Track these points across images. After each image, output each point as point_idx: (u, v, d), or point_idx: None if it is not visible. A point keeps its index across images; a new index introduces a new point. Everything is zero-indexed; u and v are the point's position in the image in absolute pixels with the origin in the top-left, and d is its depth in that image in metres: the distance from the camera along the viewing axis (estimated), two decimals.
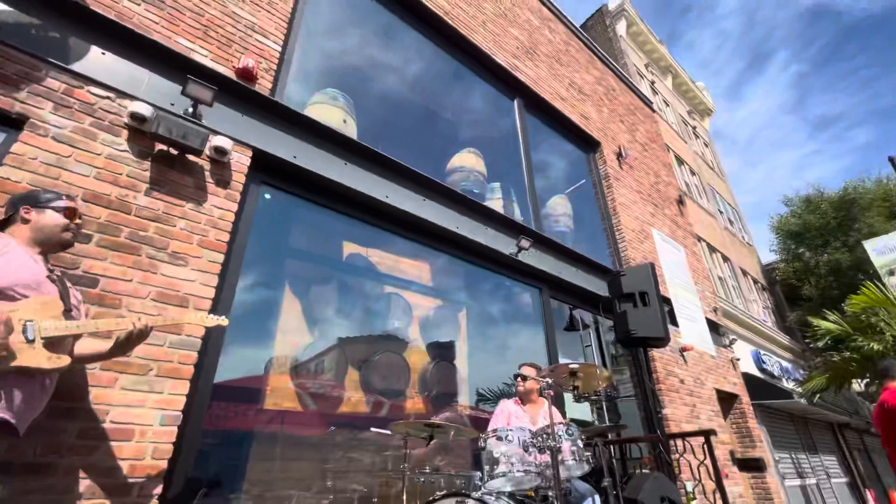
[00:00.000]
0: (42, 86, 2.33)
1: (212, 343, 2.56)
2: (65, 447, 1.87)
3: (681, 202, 9.23)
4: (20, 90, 2.25)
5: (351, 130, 4.46)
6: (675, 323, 6.53)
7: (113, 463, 1.96)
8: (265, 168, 3.23)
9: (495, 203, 5.93)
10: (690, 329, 6.77)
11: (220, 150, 2.76)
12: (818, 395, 7.41)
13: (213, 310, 2.57)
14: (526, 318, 5.45)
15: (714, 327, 7.85)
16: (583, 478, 2.90)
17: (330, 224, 4.21)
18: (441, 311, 5.23)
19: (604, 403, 4.11)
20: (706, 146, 17.19)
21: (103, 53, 2.60)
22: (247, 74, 3.19)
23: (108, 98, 2.53)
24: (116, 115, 2.51)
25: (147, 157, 2.55)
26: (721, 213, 14.58)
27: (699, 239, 11.18)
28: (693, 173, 13.83)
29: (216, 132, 2.85)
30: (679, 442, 3.61)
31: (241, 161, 2.96)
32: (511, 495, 2.55)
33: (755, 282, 14.33)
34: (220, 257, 2.62)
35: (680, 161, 13.22)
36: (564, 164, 7.57)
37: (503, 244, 4.71)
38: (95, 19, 2.60)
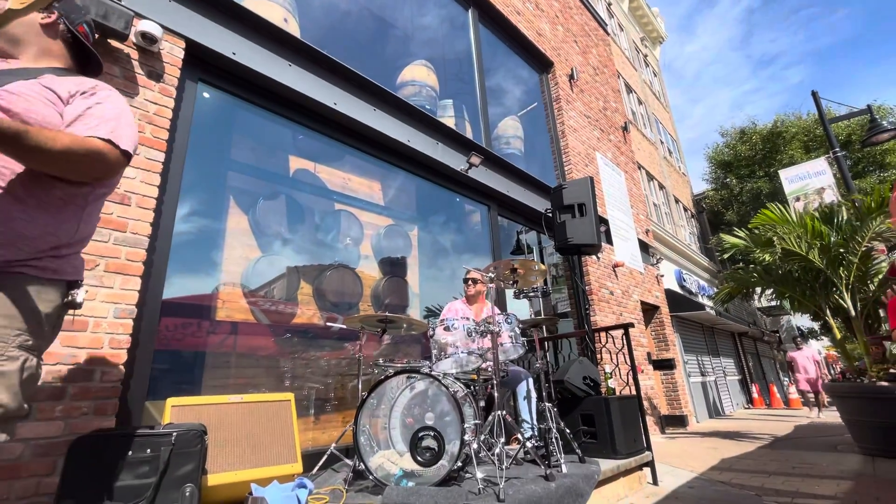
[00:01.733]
0: None
1: (161, 242, 2.54)
2: None
3: (625, 129, 9.55)
4: None
5: (293, 31, 4.14)
6: (609, 241, 7.08)
7: (70, 351, 2.00)
8: (202, 63, 3.00)
9: (447, 121, 5.85)
10: (623, 248, 7.38)
11: (148, 37, 2.52)
12: (726, 305, 8.50)
13: (158, 213, 2.51)
14: (476, 235, 5.69)
15: (644, 247, 8.59)
16: (520, 364, 3.30)
17: (275, 135, 4.04)
18: (392, 228, 5.32)
19: (540, 300, 4.54)
20: (655, 75, 17.45)
21: None
22: None
23: None
24: None
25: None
26: (662, 143, 15.24)
27: (639, 166, 11.76)
28: (640, 102, 14.15)
29: (141, 16, 2.58)
30: (603, 336, 4.14)
31: (173, 52, 2.73)
32: (456, 378, 2.89)
33: (685, 209, 15.50)
34: (161, 156, 2.51)
35: (629, 89, 13.41)
36: (517, 88, 7.50)
37: (454, 160, 4.77)
38: None
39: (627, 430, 3.19)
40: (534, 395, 3.09)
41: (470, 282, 3.63)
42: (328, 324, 3.27)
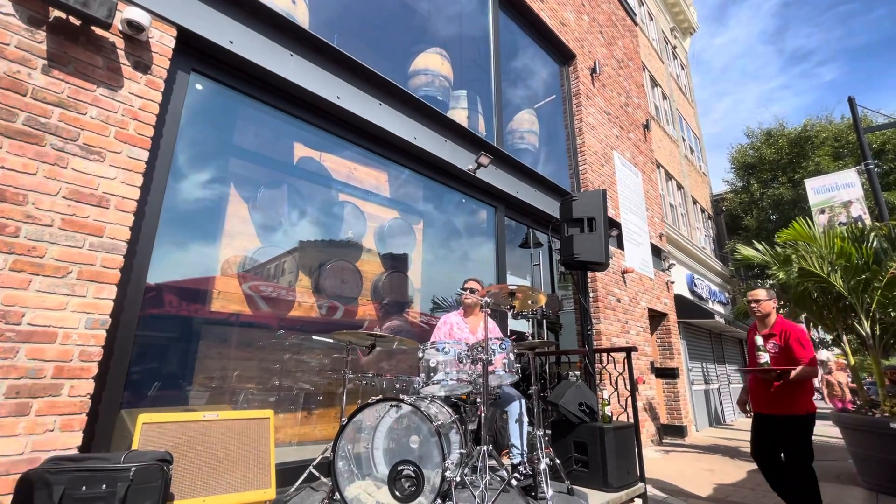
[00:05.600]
0: None
1: (141, 246, 2.42)
2: None
3: (647, 127, 9.17)
4: None
5: (302, 13, 3.93)
6: (621, 246, 6.85)
7: (36, 364, 1.90)
8: (195, 53, 2.83)
9: (459, 113, 5.63)
10: (634, 253, 7.14)
11: (134, 26, 2.35)
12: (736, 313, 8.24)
13: (140, 214, 2.39)
14: (481, 233, 5.52)
15: (657, 252, 8.33)
16: (514, 383, 3.17)
17: (277, 123, 3.88)
18: (397, 222, 5.17)
19: (543, 321, 4.40)
20: (682, 68, 16.75)
21: None
22: None
23: None
24: None
25: (41, 25, 2.14)
26: (684, 140, 14.71)
27: (658, 165, 11.37)
28: (665, 97, 13.60)
29: (129, 1, 2.40)
30: (604, 355, 3.99)
31: (163, 42, 2.55)
32: (445, 399, 2.77)
33: (703, 211, 15.05)
34: (144, 154, 2.37)
35: (654, 82, 12.88)
36: (536, 79, 7.17)
37: (462, 159, 4.56)
38: None
39: (621, 461, 3.06)
40: (525, 419, 2.96)
41: (468, 291, 3.48)
42: (315, 336, 3.16)
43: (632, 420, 3.37)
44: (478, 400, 2.59)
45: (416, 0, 5.62)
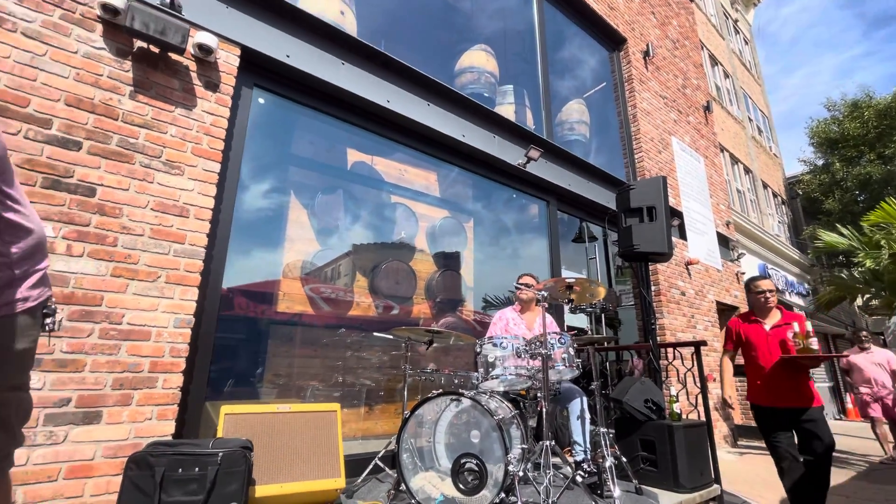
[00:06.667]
0: None
1: (217, 251, 2.62)
2: (88, 346, 2.02)
3: (707, 109, 8.61)
4: None
5: (350, 23, 4.07)
6: (683, 236, 6.48)
7: (135, 360, 2.13)
8: (256, 69, 3.02)
9: (507, 108, 5.59)
10: (698, 243, 6.73)
11: (204, 49, 2.55)
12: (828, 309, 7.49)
13: (215, 222, 2.59)
14: (533, 228, 5.44)
15: (724, 241, 7.80)
16: (574, 380, 3.10)
17: (331, 130, 4.05)
18: (448, 221, 5.21)
19: (602, 315, 4.26)
20: (746, 43, 15.54)
21: None
22: None
23: None
24: (87, 6, 2.30)
25: (127, 55, 2.38)
26: (751, 120, 13.64)
27: (722, 149, 10.63)
28: (727, 76, 12.69)
29: (198, 27, 2.62)
30: (670, 350, 3.79)
31: (228, 61, 2.75)
32: (504, 394, 2.76)
33: (775, 195, 13.89)
34: (216, 166, 2.57)
35: (714, 61, 12.06)
36: (584, 68, 6.96)
37: (512, 154, 4.53)
38: None
39: (693, 461, 2.90)
40: (587, 415, 2.89)
41: (523, 287, 3.45)
42: (375, 333, 3.26)
43: (703, 418, 3.18)
44: (538, 395, 2.56)
45: None
